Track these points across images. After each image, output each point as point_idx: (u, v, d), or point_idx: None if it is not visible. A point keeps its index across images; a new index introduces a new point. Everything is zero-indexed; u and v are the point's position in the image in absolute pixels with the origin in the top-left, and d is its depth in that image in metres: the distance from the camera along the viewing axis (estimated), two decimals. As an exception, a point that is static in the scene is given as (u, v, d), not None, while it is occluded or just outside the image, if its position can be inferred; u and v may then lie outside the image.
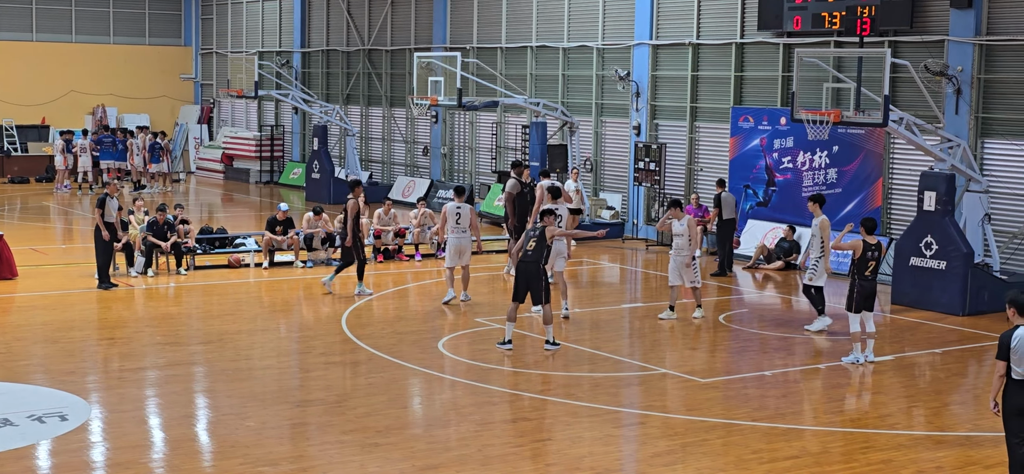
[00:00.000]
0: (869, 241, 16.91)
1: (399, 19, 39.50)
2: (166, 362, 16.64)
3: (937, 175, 21.62)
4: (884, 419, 14.50)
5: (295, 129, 44.67)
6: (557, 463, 12.45)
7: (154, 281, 23.05)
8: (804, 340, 18.77)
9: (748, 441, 13.31)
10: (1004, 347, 11.02)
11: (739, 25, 28.13)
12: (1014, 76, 23.07)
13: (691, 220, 19.79)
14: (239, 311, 20.60)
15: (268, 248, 24.74)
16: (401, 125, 39.82)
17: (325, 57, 43.22)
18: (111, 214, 22.02)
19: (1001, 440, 13.22)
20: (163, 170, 40.99)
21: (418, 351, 17.41)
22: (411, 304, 21.76)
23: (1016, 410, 11.06)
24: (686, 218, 19.77)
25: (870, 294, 16.97)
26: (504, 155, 34.87)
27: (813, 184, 26.34)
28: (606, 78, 31.42)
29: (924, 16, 24.39)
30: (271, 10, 46.00)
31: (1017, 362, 10.97)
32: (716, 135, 28.93)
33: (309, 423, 13.81)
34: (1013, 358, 10.99)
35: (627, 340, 18.99)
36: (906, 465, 12.57)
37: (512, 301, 17.44)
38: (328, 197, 36.92)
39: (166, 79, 49.79)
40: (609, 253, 27.92)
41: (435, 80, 30.34)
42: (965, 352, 18.35)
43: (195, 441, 13.24)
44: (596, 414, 14.26)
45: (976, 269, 21.30)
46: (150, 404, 14.71)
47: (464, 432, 13.52)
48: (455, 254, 20.91)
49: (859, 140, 25.43)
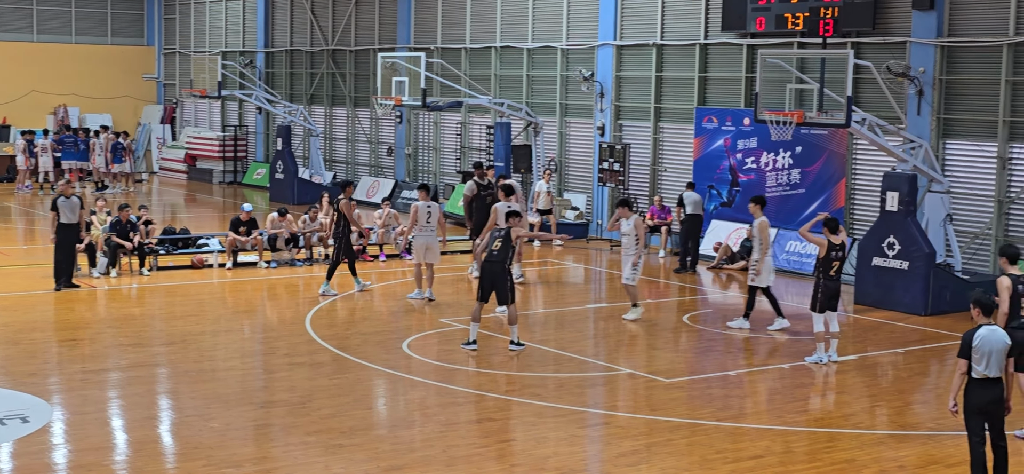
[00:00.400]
0: (833, 241, 17.00)
1: (363, 19, 39.41)
2: (129, 363, 16.53)
3: (899, 176, 21.76)
4: (847, 418, 14.58)
5: (259, 129, 44.49)
6: (522, 463, 12.45)
7: (117, 282, 22.89)
8: (768, 340, 18.86)
9: (712, 441, 13.35)
10: (966, 346, 11.18)
11: (703, 26, 28.22)
12: (975, 77, 23.25)
13: (637, 220, 19.74)
14: (203, 312, 20.49)
15: (232, 249, 24.62)
16: (365, 125, 39.74)
17: (288, 57, 43.06)
18: (67, 214, 21.70)
19: (962, 438, 13.32)
20: (125, 170, 40.72)
21: (383, 352, 17.38)
22: (376, 305, 21.71)
23: (976, 408, 11.22)
24: (633, 218, 19.72)
25: (834, 294, 17.06)
26: (468, 155, 34.85)
27: (777, 185, 26.47)
28: (570, 79, 31.46)
29: (886, 17, 24.55)
30: (234, 10, 45.79)
31: (977, 361, 11.13)
32: (680, 136, 29.01)
33: (273, 424, 13.75)
34: (974, 357, 11.14)
35: (592, 340, 19.01)
36: (869, 464, 12.64)
37: (477, 301, 17.43)
38: (292, 197, 36.78)
39: (129, 79, 49.46)
40: (574, 253, 27.95)
41: (399, 80, 30.29)
42: (927, 352, 18.48)
43: (158, 443, 13.15)
44: (561, 414, 14.26)
45: (938, 269, 21.46)
46: (113, 406, 14.61)
47: (429, 433, 13.50)
48: (424, 251, 20.97)
49: (822, 141, 25.57)
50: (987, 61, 23.04)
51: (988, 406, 11.19)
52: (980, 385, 11.17)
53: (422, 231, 21.04)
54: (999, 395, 11.25)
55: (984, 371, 11.14)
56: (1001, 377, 11.23)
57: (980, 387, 11.17)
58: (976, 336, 11.17)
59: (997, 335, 11.20)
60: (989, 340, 11.13)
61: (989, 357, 11.11)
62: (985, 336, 11.14)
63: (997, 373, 11.17)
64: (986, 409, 11.21)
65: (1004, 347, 11.20)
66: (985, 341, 11.12)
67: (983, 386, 11.17)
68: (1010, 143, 22.72)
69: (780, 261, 25.57)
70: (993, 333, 11.20)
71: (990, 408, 11.20)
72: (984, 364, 11.13)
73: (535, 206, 29.33)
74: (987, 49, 23.00)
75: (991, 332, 11.20)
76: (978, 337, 11.15)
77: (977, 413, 11.24)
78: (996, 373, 11.16)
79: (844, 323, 19.86)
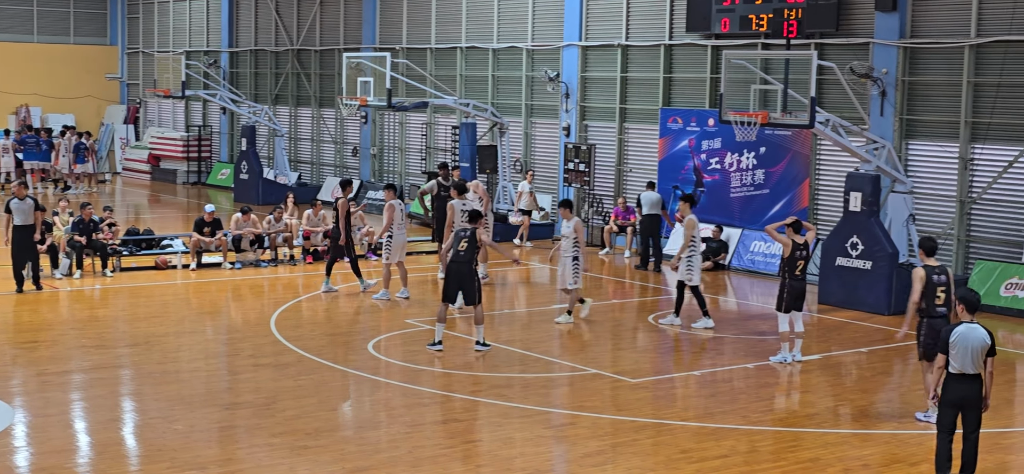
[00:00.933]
0: (797, 240, 17.08)
1: (328, 19, 39.29)
2: (92, 365, 16.42)
3: (863, 176, 21.89)
4: (812, 418, 14.65)
5: (223, 129, 44.28)
6: (488, 464, 12.45)
7: (80, 283, 22.73)
8: (733, 340, 18.93)
9: (678, 441, 13.39)
10: (944, 342, 11.53)
11: (668, 27, 28.30)
12: (938, 78, 23.42)
13: (578, 223, 19.72)
14: (166, 313, 20.38)
15: (196, 249, 24.50)
16: (330, 126, 39.62)
17: (253, 57, 42.89)
18: (20, 217, 21.33)
19: (925, 437, 13.43)
20: (88, 171, 40.44)
21: (348, 353, 17.34)
22: (341, 306, 21.65)
23: (949, 402, 11.55)
24: (574, 220, 19.68)
25: (800, 294, 17.13)
26: (434, 156, 34.82)
27: (741, 185, 26.58)
28: (536, 79, 31.47)
29: (850, 19, 24.70)
30: (198, 9, 45.56)
31: (954, 357, 11.43)
32: (645, 136, 29.09)
33: (238, 426, 13.69)
34: (951, 353, 11.45)
35: (557, 341, 19.02)
36: (833, 463, 12.71)
37: (442, 302, 17.41)
38: (256, 198, 36.61)
39: (91, 79, 49.13)
40: (540, 254, 27.95)
41: (364, 81, 30.21)
42: (891, 351, 18.59)
43: (122, 445, 13.07)
44: (527, 415, 14.27)
45: (901, 269, 21.59)
46: (76, 408, 14.51)
47: (395, 434, 13.48)
48: (401, 249, 21.04)
49: (786, 141, 25.69)
50: (949, 62, 23.21)
51: (962, 401, 11.48)
52: (956, 380, 11.47)
53: (400, 230, 21.12)
54: (974, 391, 11.51)
55: (960, 367, 11.43)
56: (978, 373, 11.50)
57: (955, 382, 11.47)
58: (954, 333, 11.48)
59: (975, 333, 11.46)
60: (967, 337, 11.42)
61: (966, 354, 11.41)
62: (963, 333, 11.44)
63: (973, 369, 11.44)
64: (959, 403, 11.49)
65: (982, 345, 11.45)
66: (962, 338, 11.42)
67: (958, 381, 11.46)
68: (972, 143, 22.90)
69: (745, 261, 25.69)
70: (971, 331, 11.47)
71: (964, 402, 11.48)
72: (960, 360, 11.42)
73: (517, 207, 29.35)
74: (949, 50, 23.17)
75: (970, 329, 11.48)
76: (956, 333, 11.46)
77: (949, 406, 11.54)
78: (972, 369, 11.44)
79: (808, 323, 19.94)
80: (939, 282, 14.18)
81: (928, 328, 14.01)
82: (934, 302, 14.12)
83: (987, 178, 22.75)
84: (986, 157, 22.70)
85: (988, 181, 22.73)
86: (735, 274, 25.63)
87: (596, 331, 19.34)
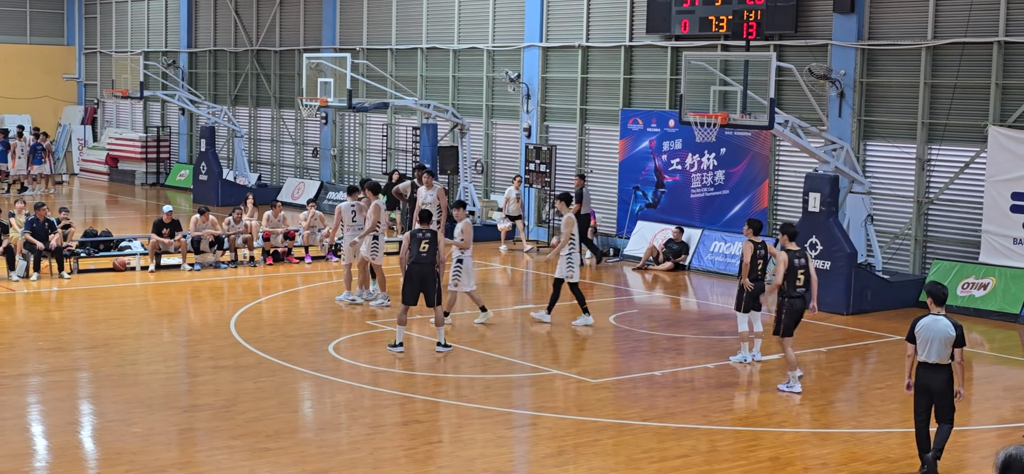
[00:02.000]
0: (755, 242, 17.13)
1: (287, 20, 39.15)
2: (49, 368, 16.27)
3: (821, 177, 22.02)
4: (771, 417, 14.72)
5: (182, 130, 44.03)
6: (449, 465, 12.43)
7: (37, 285, 22.53)
8: (693, 340, 19.00)
9: (639, 441, 13.42)
10: (911, 332, 12.13)
11: (628, 28, 28.38)
12: (895, 80, 23.60)
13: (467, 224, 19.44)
14: (125, 315, 20.24)
15: (154, 251, 24.34)
16: (290, 126, 39.47)
17: (212, 57, 42.66)
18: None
19: (883, 436, 13.55)
20: (45, 172, 40.10)
21: (308, 354, 17.27)
22: (301, 307, 21.57)
23: (920, 388, 12.11)
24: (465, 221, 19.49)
25: (758, 293, 17.19)
26: (394, 157, 34.76)
27: (702, 186, 26.69)
28: (496, 80, 31.48)
29: (808, 21, 24.85)
30: (156, 9, 45.28)
31: (920, 347, 12.01)
32: (606, 137, 29.15)
33: (197, 428, 13.61)
34: (918, 342, 12.03)
35: (518, 341, 19.02)
36: (793, 462, 12.78)
37: (402, 304, 17.36)
38: (216, 199, 36.43)
39: (48, 79, 48.71)
40: (499, 255, 27.97)
41: (324, 81, 30.12)
42: (849, 350, 18.71)
43: (79, 448, 12.96)
44: (488, 416, 14.26)
45: (859, 269, 21.74)
46: (32, 411, 14.37)
47: (355, 435, 13.44)
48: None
49: (746, 142, 25.82)
50: (906, 64, 23.40)
51: (929, 388, 12.03)
52: (923, 368, 12.06)
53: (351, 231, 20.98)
54: (940, 380, 11.99)
55: (925, 357, 11.99)
56: (943, 364, 11.98)
57: (923, 370, 12.05)
58: (919, 324, 12.06)
59: (939, 324, 11.97)
60: (930, 328, 11.96)
61: (929, 344, 11.94)
62: (926, 324, 12.00)
63: (936, 359, 11.96)
64: (927, 390, 12.05)
65: (946, 337, 11.91)
66: (926, 329, 11.98)
67: (925, 369, 12.04)
68: (929, 144, 23.09)
69: (705, 262, 25.79)
70: (936, 322, 11.99)
71: (932, 390, 12.03)
72: (925, 351, 11.98)
73: (504, 212, 29.22)
74: (906, 52, 23.36)
75: (934, 321, 12.00)
76: (920, 325, 12.03)
77: (921, 392, 12.10)
78: (935, 359, 11.96)
79: (767, 322, 20.07)
80: (799, 265, 15.52)
81: (788, 307, 15.47)
82: (795, 283, 15.45)
83: (944, 178, 22.95)
84: (943, 158, 22.89)
85: (945, 181, 22.92)
86: (695, 274, 25.73)
87: (557, 332, 19.35)
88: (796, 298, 15.48)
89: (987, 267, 21.80)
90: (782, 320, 15.53)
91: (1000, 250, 21.71)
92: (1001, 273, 21.56)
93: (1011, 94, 21.98)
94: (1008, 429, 14.45)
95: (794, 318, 15.56)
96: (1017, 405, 15.85)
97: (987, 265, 21.83)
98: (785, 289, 15.44)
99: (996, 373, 17.95)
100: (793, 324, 15.59)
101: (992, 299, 21.35)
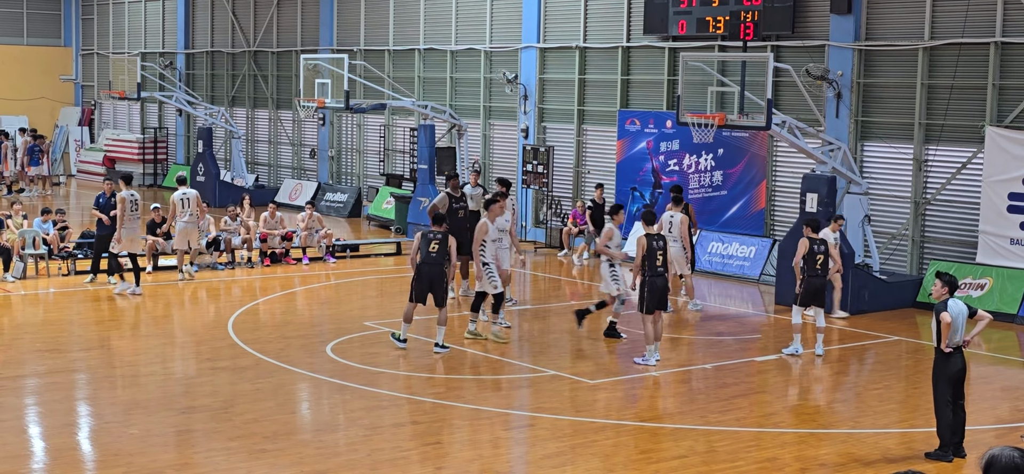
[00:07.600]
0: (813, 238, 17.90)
1: (285, 21, 39.14)
2: (46, 369, 16.26)
3: (819, 177, 22.03)
4: (769, 418, 14.73)
5: (179, 131, 44.00)
6: (447, 466, 12.43)
7: (34, 286, 22.51)
8: (689, 341, 19.00)
9: (637, 441, 13.43)
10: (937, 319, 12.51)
11: (625, 29, 28.39)
12: (892, 80, 23.62)
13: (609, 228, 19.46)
14: (122, 316, 20.22)
15: (152, 252, 24.31)
16: (288, 127, 39.46)
17: (210, 58, 42.64)
18: None
19: (881, 436, 13.55)
20: (42, 173, 40.06)
21: (306, 355, 17.26)
22: (299, 308, 21.57)
23: (949, 377, 12.54)
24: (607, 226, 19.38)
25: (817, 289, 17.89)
26: (392, 158, 34.77)
27: (699, 186, 26.70)
28: (494, 81, 31.48)
29: (805, 21, 24.87)
30: (154, 10, 45.26)
31: (953, 331, 12.43)
32: (603, 138, 29.16)
33: (195, 430, 13.60)
34: (952, 323, 12.41)
35: (516, 342, 19.02)
36: (790, 463, 12.78)
37: (409, 302, 17.34)
38: (213, 200, 36.35)
39: (45, 80, 48.67)
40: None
41: (322, 82, 30.13)
42: (846, 351, 18.72)
43: (77, 450, 12.95)
44: (486, 416, 14.26)
45: (857, 269, 21.75)
46: (30, 412, 14.37)
47: (353, 437, 13.43)
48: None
49: (743, 143, 25.83)
50: (903, 65, 23.42)
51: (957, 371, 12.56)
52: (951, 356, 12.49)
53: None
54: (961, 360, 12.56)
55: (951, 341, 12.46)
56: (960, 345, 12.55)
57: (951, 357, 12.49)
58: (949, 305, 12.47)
59: (960, 306, 12.54)
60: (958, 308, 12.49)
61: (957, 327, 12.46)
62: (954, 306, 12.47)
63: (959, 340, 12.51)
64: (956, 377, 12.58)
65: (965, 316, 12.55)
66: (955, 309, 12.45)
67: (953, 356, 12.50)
68: (926, 145, 23.11)
69: (703, 263, 25.77)
70: (957, 304, 12.55)
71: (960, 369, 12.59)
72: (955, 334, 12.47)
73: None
74: (903, 53, 23.37)
75: (955, 304, 12.54)
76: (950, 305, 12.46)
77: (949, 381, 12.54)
78: (958, 340, 12.50)
79: (764, 323, 20.08)
80: (658, 247, 16.86)
81: (649, 286, 16.76)
82: (655, 264, 16.80)
83: (941, 179, 22.96)
84: (940, 158, 22.91)
85: (942, 182, 22.94)
86: (694, 275, 25.66)
87: (555, 333, 19.35)
88: (657, 277, 16.78)
89: (984, 267, 21.82)
90: (645, 298, 16.76)
91: (997, 250, 21.73)
92: (998, 273, 21.58)
93: (1008, 95, 22.00)
94: (1005, 429, 14.46)
95: (655, 296, 16.77)
96: (1014, 405, 15.86)
97: (984, 265, 21.84)
98: (646, 270, 16.74)
99: (993, 373, 17.96)
100: (653, 302, 16.78)
101: (989, 299, 21.36)
